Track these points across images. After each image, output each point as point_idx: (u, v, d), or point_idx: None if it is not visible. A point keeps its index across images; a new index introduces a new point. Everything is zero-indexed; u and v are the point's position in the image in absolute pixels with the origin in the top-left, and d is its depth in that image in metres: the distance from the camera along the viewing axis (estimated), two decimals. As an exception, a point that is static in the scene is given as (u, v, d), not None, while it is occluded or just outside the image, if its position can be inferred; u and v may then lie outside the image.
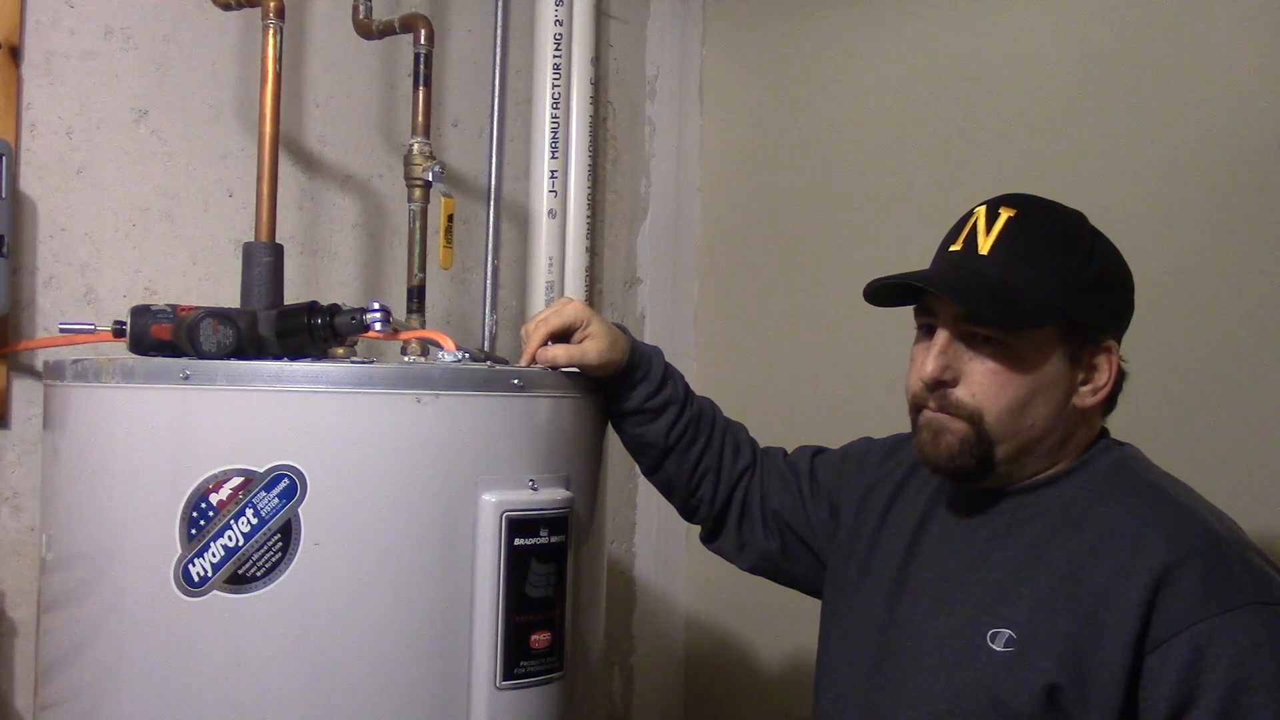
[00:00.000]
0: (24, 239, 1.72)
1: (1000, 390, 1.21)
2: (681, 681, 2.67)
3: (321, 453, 1.29)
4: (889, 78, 2.33)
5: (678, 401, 1.50)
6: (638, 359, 1.48)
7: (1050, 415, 1.22)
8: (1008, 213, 1.24)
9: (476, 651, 1.34)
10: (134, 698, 1.31)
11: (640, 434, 1.51)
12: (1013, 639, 1.17)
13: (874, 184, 2.33)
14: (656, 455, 1.52)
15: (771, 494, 1.52)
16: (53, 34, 1.75)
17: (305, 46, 2.03)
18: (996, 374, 1.21)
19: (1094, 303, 1.22)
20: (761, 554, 1.54)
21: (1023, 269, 1.21)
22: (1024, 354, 1.20)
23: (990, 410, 1.21)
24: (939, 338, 1.23)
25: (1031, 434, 1.22)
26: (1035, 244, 1.23)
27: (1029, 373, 1.21)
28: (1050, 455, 1.25)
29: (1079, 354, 1.22)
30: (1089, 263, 1.22)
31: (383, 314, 1.45)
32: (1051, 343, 1.21)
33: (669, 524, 2.65)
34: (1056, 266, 1.21)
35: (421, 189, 1.86)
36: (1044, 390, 1.21)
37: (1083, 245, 1.23)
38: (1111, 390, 1.24)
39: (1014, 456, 1.23)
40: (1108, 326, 1.24)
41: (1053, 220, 1.26)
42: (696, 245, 2.69)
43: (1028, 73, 2.11)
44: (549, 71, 2.26)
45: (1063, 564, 1.17)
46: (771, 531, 1.52)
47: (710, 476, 1.53)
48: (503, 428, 1.38)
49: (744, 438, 1.57)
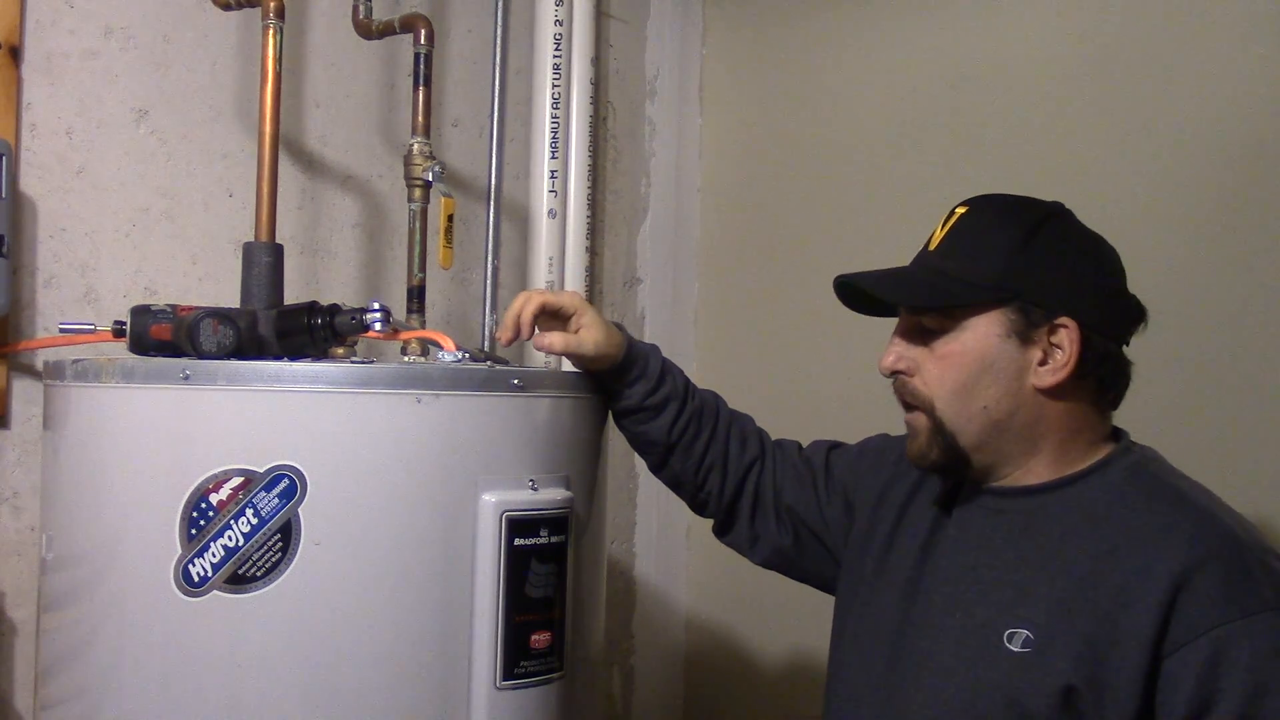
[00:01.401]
0: (24, 239, 1.72)
1: (944, 375, 1.23)
2: (681, 681, 2.67)
3: (321, 453, 1.30)
4: (889, 78, 2.33)
5: (678, 398, 1.49)
6: (634, 356, 1.47)
7: (1001, 396, 1.21)
8: (962, 210, 1.28)
9: (476, 651, 1.34)
10: (134, 698, 1.31)
11: (642, 432, 1.50)
12: (1030, 639, 1.16)
13: (874, 184, 2.33)
14: (660, 452, 1.52)
15: (785, 488, 1.51)
16: (53, 34, 1.75)
17: (305, 46, 2.03)
18: (940, 360, 1.24)
19: (1036, 278, 1.20)
20: (775, 548, 1.53)
21: (959, 254, 1.24)
22: (964, 337, 1.22)
23: (939, 396, 1.24)
24: (895, 333, 1.29)
25: (988, 418, 1.22)
26: (975, 229, 1.25)
27: (972, 355, 1.22)
28: (1029, 443, 1.23)
29: (1030, 333, 1.20)
30: (1031, 239, 1.22)
31: (383, 314, 1.45)
32: (994, 323, 1.21)
33: (669, 524, 2.65)
34: (991, 246, 1.23)
35: (421, 189, 1.86)
36: (989, 371, 1.21)
37: (1025, 223, 1.23)
38: (1075, 370, 1.20)
39: (979, 444, 1.24)
40: (1059, 304, 1.20)
41: (1000, 207, 1.28)
42: (696, 245, 2.69)
43: (1028, 73, 2.11)
44: (549, 71, 2.26)
45: (1081, 565, 1.16)
46: (785, 526, 1.51)
47: (717, 470, 1.52)
48: (503, 428, 1.38)
49: (750, 429, 1.56)
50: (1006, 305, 1.21)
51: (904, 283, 1.27)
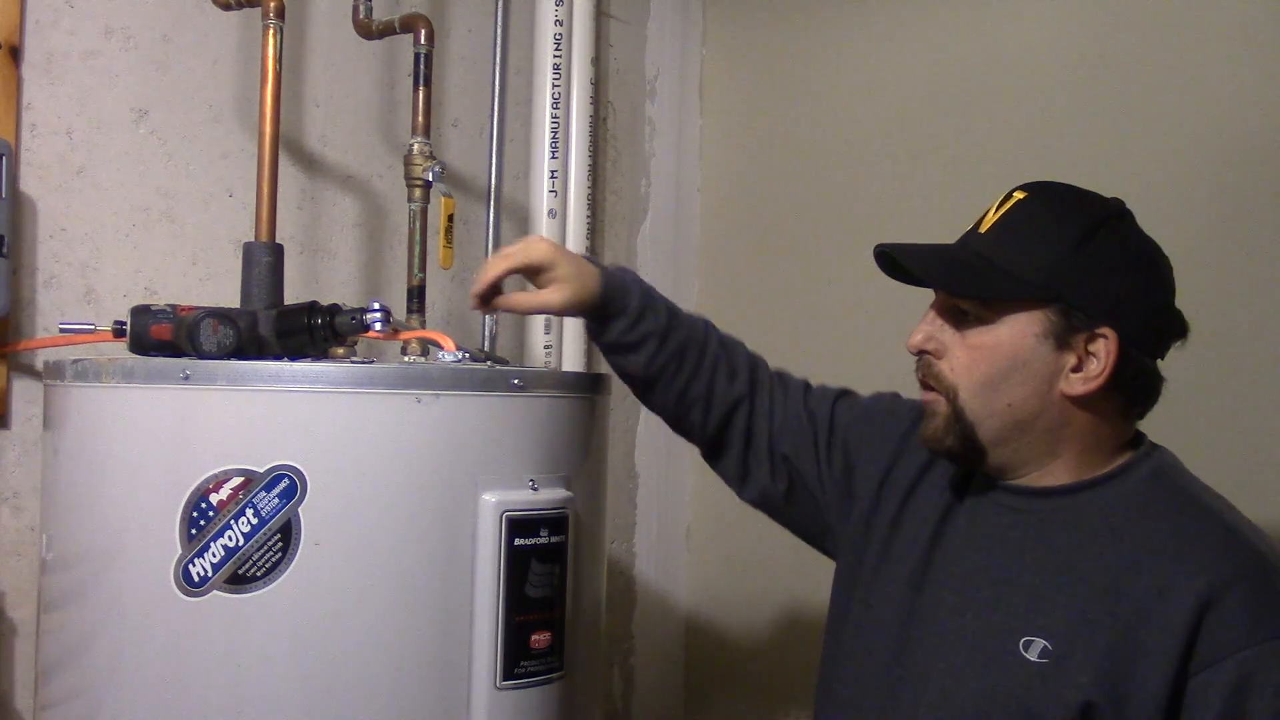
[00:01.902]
0: (24, 239, 1.72)
1: (973, 365, 1.20)
2: (681, 682, 2.67)
3: (321, 453, 1.30)
4: (889, 77, 2.33)
5: (657, 334, 1.40)
6: (611, 294, 1.38)
7: (1028, 397, 1.19)
8: (1020, 195, 1.24)
9: (476, 651, 1.34)
10: (134, 698, 1.31)
11: (620, 365, 1.44)
12: (1048, 650, 1.14)
13: (874, 183, 2.33)
14: (639, 385, 1.45)
15: (783, 436, 1.45)
16: (53, 34, 1.75)
17: (305, 46, 2.03)
18: (972, 349, 1.21)
19: (1085, 285, 1.17)
20: (764, 492, 1.47)
21: (1009, 244, 1.20)
22: (1000, 331, 1.19)
23: (964, 386, 1.21)
24: (929, 310, 1.25)
25: (1011, 416, 1.20)
26: (1030, 221, 1.21)
27: (1004, 350, 1.19)
28: (1049, 447, 1.21)
29: (1068, 338, 1.17)
30: (1085, 243, 1.18)
31: (383, 314, 1.45)
32: (1033, 322, 1.18)
33: (669, 524, 2.65)
34: (1044, 243, 1.19)
35: (421, 189, 1.86)
36: (1020, 370, 1.18)
37: (1083, 225, 1.19)
38: (1108, 382, 1.17)
39: (999, 440, 1.21)
40: (1103, 313, 1.17)
41: (1060, 201, 1.23)
42: (696, 245, 2.69)
43: (1028, 73, 2.11)
44: (549, 71, 2.26)
45: (1101, 575, 1.14)
46: (779, 474, 1.45)
47: (699, 405, 1.44)
48: (503, 428, 1.38)
49: (741, 361, 1.47)
50: (1049, 306, 1.17)
51: (948, 266, 1.22)
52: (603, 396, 1.56)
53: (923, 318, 1.26)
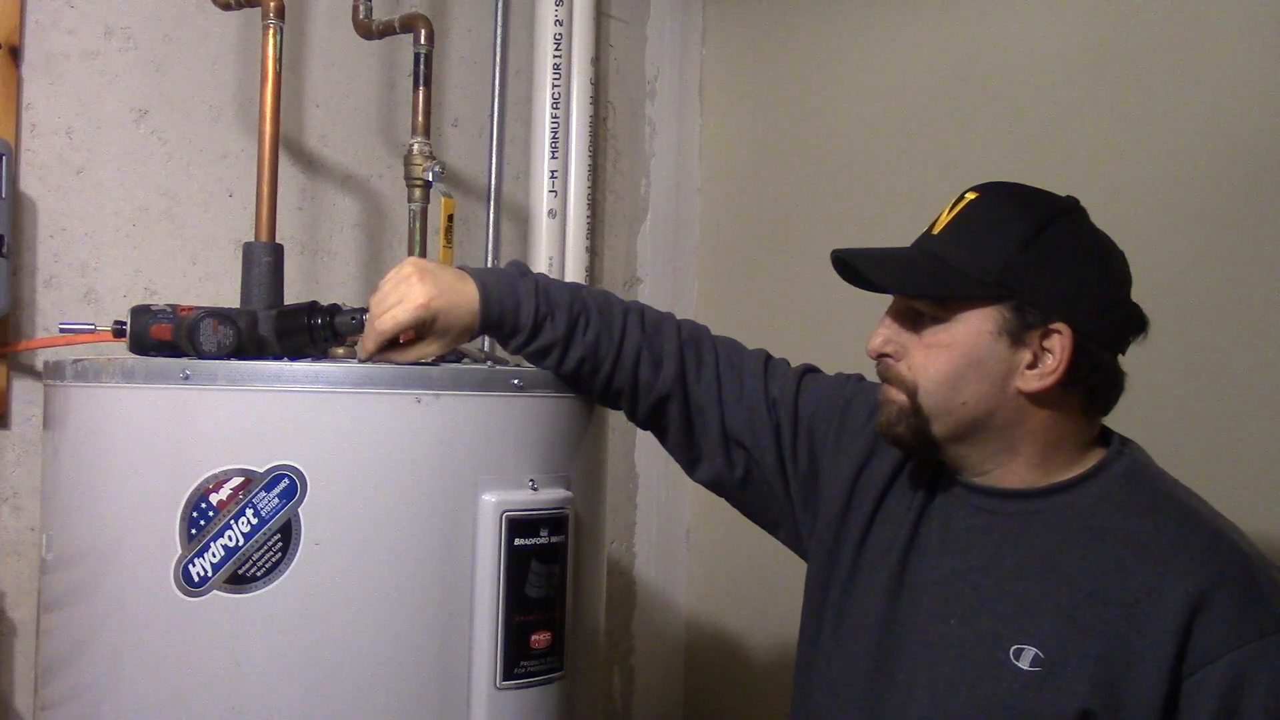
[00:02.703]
0: (24, 239, 1.72)
1: (929, 363, 1.21)
2: (681, 682, 2.67)
3: (321, 453, 1.30)
4: (889, 77, 2.33)
5: (560, 342, 1.38)
6: (494, 318, 1.36)
7: (984, 395, 1.19)
8: (972, 195, 1.25)
9: (476, 651, 1.34)
10: (134, 697, 1.31)
11: (544, 367, 1.42)
12: (1039, 658, 1.14)
13: (874, 183, 2.33)
14: (569, 382, 1.42)
15: (739, 423, 1.42)
16: (53, 34, 1.75)
17: (305, 46, 2.03)
18: (928, 348, 1.21)
19: (1037, 281, 1.17)
20: (717, 476, 1.45)
21: (961, 243, 1.21)
22: (955, 329, 1.19)
23: (922, 384, 1.21)
24: (887, 314, 1.26)
25: (966, 413, 1.20)
26: (981, 220, 1.22)
27: (959, 348, 1.19)
28: (1008, 444, 1.21)
29: (1022, 335, 1.17)
30: (1036, 237, 1.18)
31: (383, 314, 1.44)
32: (987, 320, 1.18)
33: (669, 524, 2.65)
34: (995, 241, 1.19)
35: (421, 189, 1.86)
36: (975, 367, 1.18)
37: (1033, 222, 1.19)
38: (1064, 377, 1.17)
39: (954, 436, 1.21)
40: (1056, 308, 1.17)
41: (1011, 199, 1.24)
42: (696, 245, 2.69)
43: (1028, 72, 2.11)
44: (549, 71, 2.26)
45: (1086, 579, 1.14)
46: (735, 460, 1.43)
47: (626, 397, 1.43)
48: (503, 428, 1.38)
49: (668, 348, 1.41)
50: (1002, 303, 1.18)
51: (900, 267, 1.24)
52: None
53: (880, 321, 1.27)
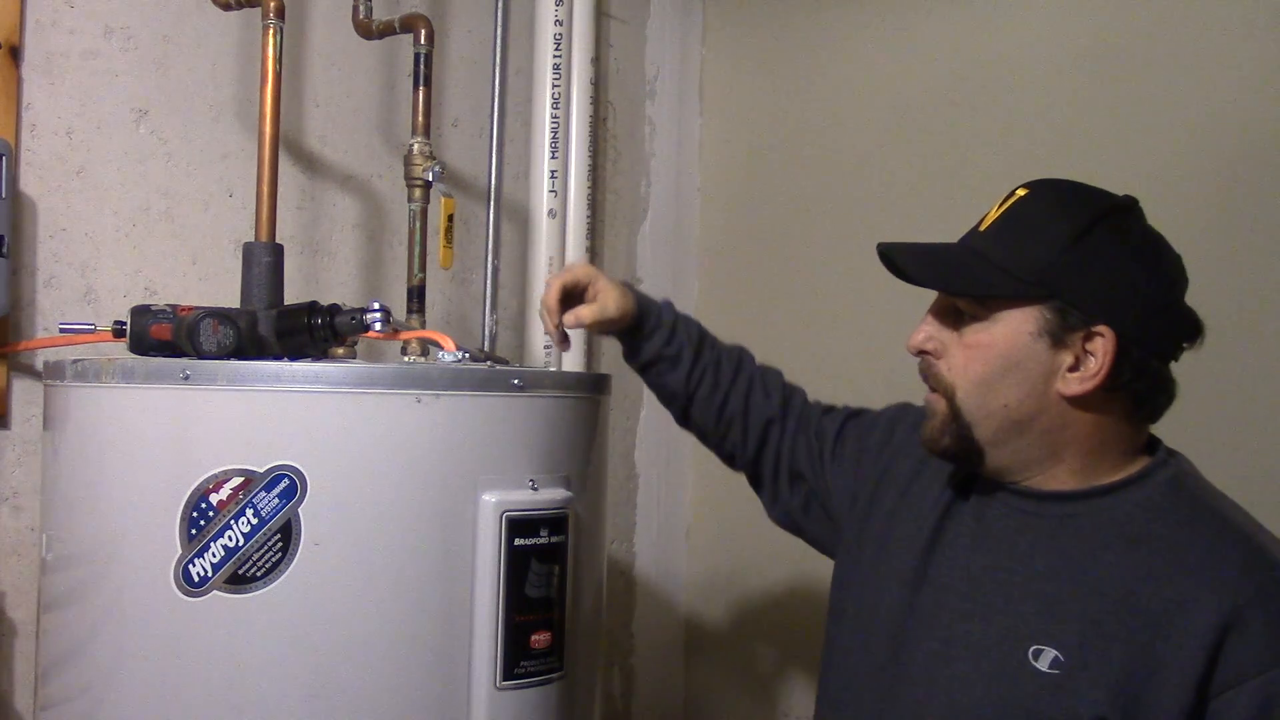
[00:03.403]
0: (24, 239, 1.72)
1: (969, 364, 1.18)
2: (681, 682, 2.67)
3: (321, 453, 1.30)
4: (889, 77, 2.33)
5: (692, 347, 1.51)
6: (646, 309, 1.50)
7: (1024, 398, 1.16)
8: (1022, 192, 1.21)
9: (476, 651, 1.34)
10: (134, 698, 1.31)
11: (664, 384, 1.53)
12: (1059, 660, 1.11)
13: (874, 183, 2.33)
14: (682, 403, 1.53)
15: (799, 453, 1.49)
16: (53, 34, 1.75)
17: (305, 46, 2.03)
18: (968, 348, 1.19)
19: (1080, 282, 1.14)
20: (786, 509, 1.52)
21: (1006, 241, 1.18)
22: (995, 329, 1.17)
23: (961, 385, 1.19)
24: (929, 310, 1.24)
25: (1007, 416, 1.17)
26: (1029, 218, 1.19)
27: (999, 349, 1.16)
28: (1050, 449, 1.18)
29: (1063, 336, 1.14)
30: (1083, 236, 1.15)
31: (383, 314, 1.45)
32: (1027, 320, 1.15)
33: (669, 524, 2.65)
34: (1040, 239, 1.16)
35: (421, 189, 1.86)
36: (1015, 369, 1.16)
37: (1081, 218, 1.16)
38: (1105, 382, 1.14)
39: (996, 441, 1.19)
40: (1099, 310, 1.14)
41: (1060, 197, 1.20)
42: (696, 245, 2.69)
43: (1028, 72, 2.11)
44: (549, 71, 2.26)
45: (1115, 585, 1.11)
46: (797, 490, 1.50)
47: (738, 422, 1.51)
48: (503, 428, 1.38)
49: (775, 384, 1.54)
50: (1044, 303, 1.15)
51: (941, 264, 1.21)
52: (603, 396, 1.56)
53: (922, 320, 1.24)
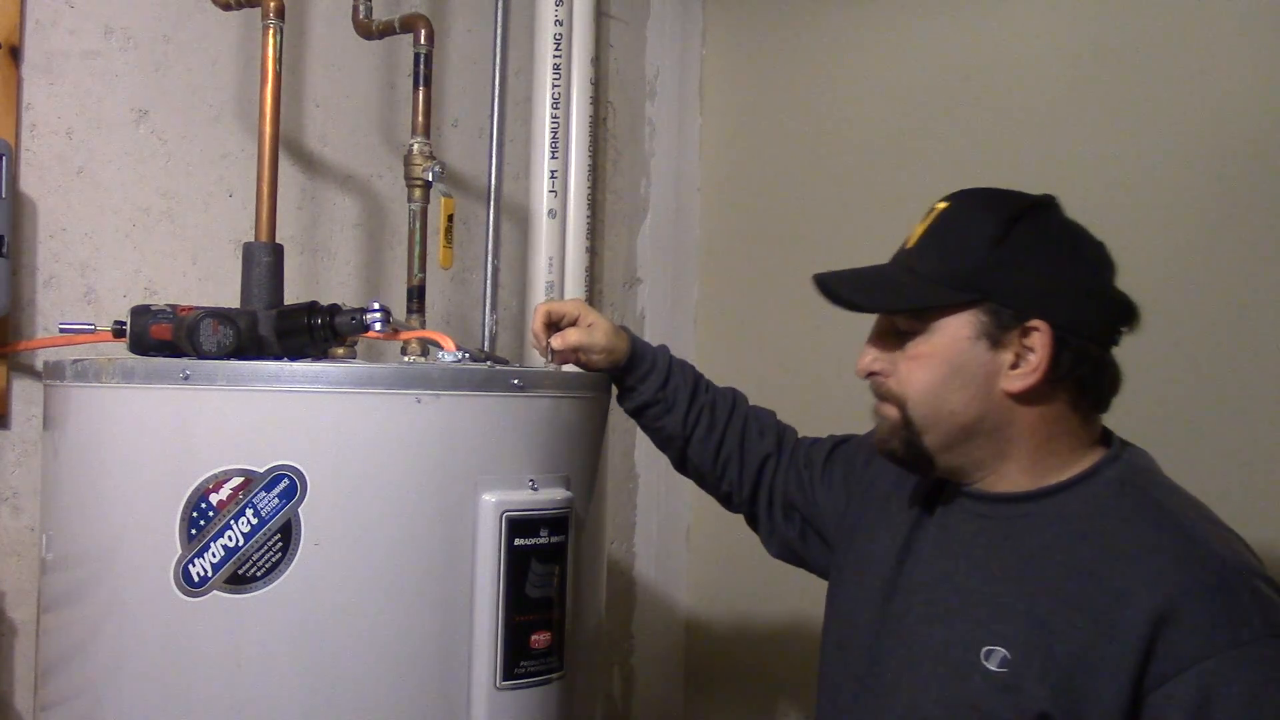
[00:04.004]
0: (24, 239, 1.72)
1: (914, 376, 1.21)
2: (681, 681, 2.67)
3: (321, 453, 1.30)
4: (889, 77, 2.33)
5: (687, 389, 1.55)
6: (641, 351, 1.55)
7: (970, 400, 1.18)
8: (942, 205, 1.25)
9: (476, 651, 1.34)
10: (134, 698, 1.31)
11: (660, 426, 1.56)
12: (1007, 659, 1.13)
13: (874, 183, 2.33)
14: (679, 445, 1.57)
15: (791, 485, 1.53)
16: (53, 34, 1.75)
17: (305, 46, 2.03)
18: (912, 360, 1.21)
19: (1007, 280, 1.17)
20: (783, 541, 1.55)
21: (931, 254, 1.21)
22: (934, 339, 1.19)
23: (910, 396, 1.21)
24: (871, 333, 1.27)
25: (955, 420, 1.19)
26: (951, 227, 1.22)
27: (940, 356, 1.19)
28: (999, 448, 1.20)
29: (1000, 336, 1.16)
30: (1004, 236, 1.17)
31: (383, 314, 1.45)
32: (964, 325, 1.17)
33: (669, 524, 2.65)
34: (965, 243, 1.19)
35: (421, 189, 1.86)
36: (959, 374, 1.18)
37: (1001, 219, 1.18)
38: (1047, 374, 1.16)
39: (947, 445, 1.21)
40: (1031, 305, 1.16)
41: (979, 202, 1.23)
42: (696, 245, 2.69)
43: (1028, 72, 2.11)
44: (549, 71, 2.26)
45: (1060, 583, 1.13)
46: (792, 521, 1.53)
47: (734, 462, 1.55)
48: (502, 428, 1.38)
49: (769, 423, 1.59)
50: (976, 307, 1.17)
51: (872, 285, 1.24)
52: (603, 396, 1.56)
53: (865, 345, 1.27)
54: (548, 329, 1.52)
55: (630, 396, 1.56)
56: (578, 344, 1.49)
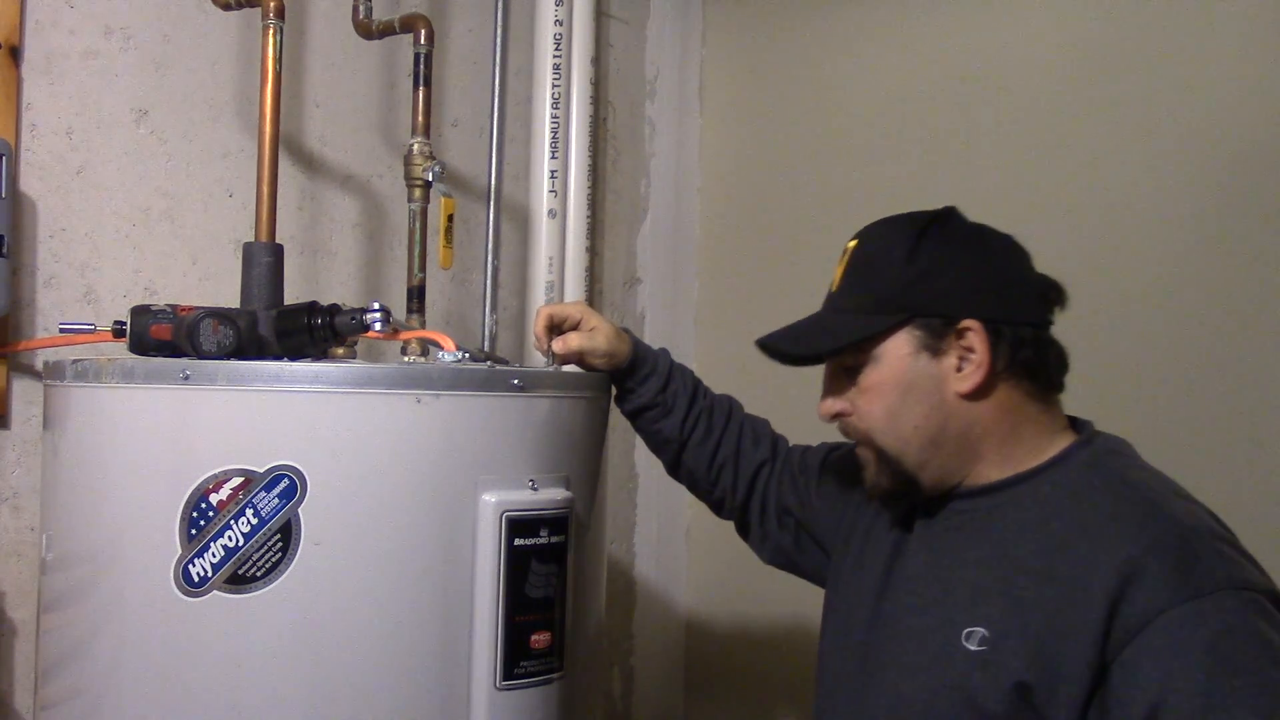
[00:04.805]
0: (24, 239, 1.72)
1: (871, 407, 1.25)
2: (681, 681, 2.67)
3: (321, 453, 1.30)
4: (888, 77, 2.33)
5: (687, 394, 1.56)
6: (642, 355, 1.56)
7: (929, 412, 1.22)
8: (853, 243, 1.30)
9: (476, 651, 1.34)
10: (134, 698, 1.31)
11: (657, 430, 1.57)
12: (986, 638, 1.16)
13: (873, 183, 2.33)
14: (674, 450, 1.58)
15: (786, 491, 1.55)
16: (53, 34, 1.75)
17: (305, 46, 2.03)
18: (866, 393, 1.25)
19: (927, 291, 1.21)
20: (777, 547, 1.57)
21: (854, 289, 1.27)
22: (881, 367, 1.23)
23: (874, 428, 1.25)
24: (824, 380, 1.31)
25: (921, 436, 1.23)
26: (864, 259, 1.28)
27: (890, 380, 1.23)
28: (970, 450, 1.23)
29: (938, 344, 1.21)
30: (914, 252, 1.22)
31: (383, 314, 1.45)
32: (902, 345, 1.22)
33: (669, 524, 2.65)
34: (879, 270, 1.24)
35: (421, 189, 1.86)
36: (911, 390, 1.22)
37: (907, 238, 1.24)
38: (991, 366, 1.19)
39: (923, 463, 1.24)
40: (956, 308, 1.21)
41: (884, 230, 1.29)
42: (696, 245, 2.69)
43: (1027, 73, 2.11)
44: (549, 71, 2.26)
45: (1034, 561, 1.16)
46: (786, 527, 1.55)
47: (729, 468, 1.57)
48: (503, 428, 1.38)
49: (764, 431, 1.61)
50: (908, 324, 1.22)
51: (808, 334, 1.29)
52: (603, 397, 1.56)
53: (822, 392, 1.32)
54: (549, 332, 1.53)
55: (629, 399, 1.57)
56: (579, 349, 1.51)
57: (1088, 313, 2.00)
